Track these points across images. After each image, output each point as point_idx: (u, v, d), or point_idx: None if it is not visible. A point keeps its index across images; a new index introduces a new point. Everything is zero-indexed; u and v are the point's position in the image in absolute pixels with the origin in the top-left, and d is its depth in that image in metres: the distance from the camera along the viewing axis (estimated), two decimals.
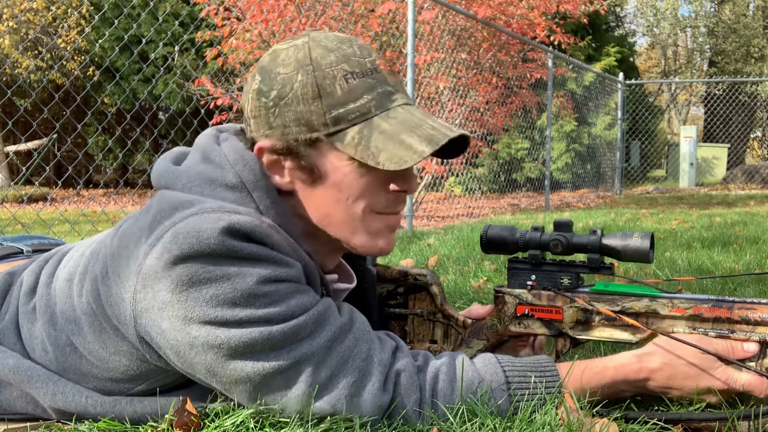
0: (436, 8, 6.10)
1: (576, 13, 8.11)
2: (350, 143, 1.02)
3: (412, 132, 1.04)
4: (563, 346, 1.22)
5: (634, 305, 1.15)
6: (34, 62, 11.55)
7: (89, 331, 1.06)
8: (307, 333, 0.98)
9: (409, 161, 1.01)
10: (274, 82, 1.04)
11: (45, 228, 3.72)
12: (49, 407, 1.11)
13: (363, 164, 1.03)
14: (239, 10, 6.54)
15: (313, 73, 1.03)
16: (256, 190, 1.04)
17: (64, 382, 1.10)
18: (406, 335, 1.40)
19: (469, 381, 1.05)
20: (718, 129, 15.54)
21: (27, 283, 1.19)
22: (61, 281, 1.13)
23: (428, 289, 1.37)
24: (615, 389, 1.10)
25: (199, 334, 0.95)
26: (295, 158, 1.05)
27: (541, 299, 1.22)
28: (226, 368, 0.97)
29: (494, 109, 7.80)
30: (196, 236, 0.94)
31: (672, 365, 1.07)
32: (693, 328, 1.12)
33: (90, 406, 1.09)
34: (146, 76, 11.05)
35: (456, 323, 1.34)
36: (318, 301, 1.02)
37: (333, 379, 0.99)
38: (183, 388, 1.09)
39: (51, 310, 1.12)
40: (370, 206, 1.07)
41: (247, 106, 1.08)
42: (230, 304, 0.94)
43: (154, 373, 1.06)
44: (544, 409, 1.05)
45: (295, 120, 1.03)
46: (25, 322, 1.15)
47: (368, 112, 1.04)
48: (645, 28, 22.48)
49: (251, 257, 0.96)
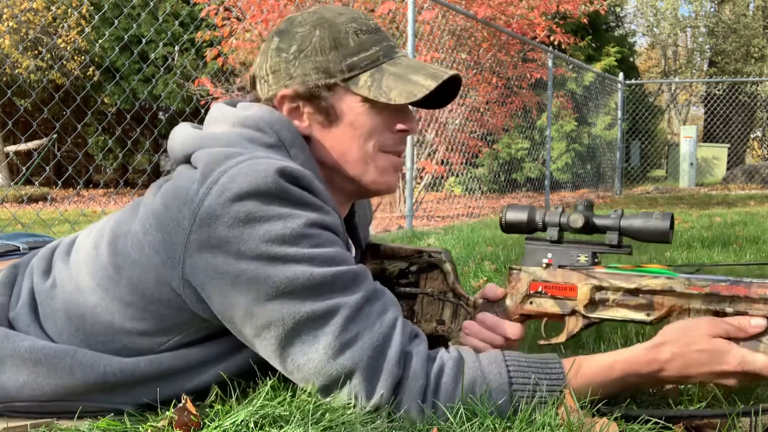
0: (436, 8, 6.10)
1: (576, 13, 8.11)
2: (363, 85, 1.17)
3: (417, 72, 1.19)
4: (575, 326, 1.20)
5: (651, 283, 1.14)
6: (34, 62, 11.55)
7: (125, 285, 1.12)
8: (343, 286, 1.05)
9: (418, 94, 1.16)
10: (293, 39, 1.18)
11: (45, 228, 3.73)
12: (63, 387, 1.12)
13: (374, 105, 1.18)
14: (239, 10, 6.54)
15: (328, 28, 1.18)
16: (293, 147, 1.16)
17: (83, 352, 1.13)
18: (414, 315, 1.38)
19: (472, 378, 1.06)
20: (718, 129, 15.54)
21: (39, 268, 1.24)
22: (85, 251, 1.20)
23: (441, 267, 1.36)
24: (626, 383, 1.10)
25: (248, 268, 1.02)
26: (314, 102, 1.18)
27: (556, 276, 1.21)
28: (264, 308, 1.03)
29: (494, 109, 7.80)
30: (253, 176, 1.03)
31: (684, 354, 1.05)
32: (710, 307, 1.10)
33: (109, 374, 1.12)
34: (146, 76, 11.05)
35: (466, 303, 1.33)
36: (354, 262, 1.10)
37: (359, 337, 1.03)
38: (208, 341, 1.15)
39: (75, 279, 1.18)
40: (379, 144, 1.21)
41: (265, 65, 1.21)
42: (280, 241, 1.02)
43: (187, 326, 1.13)
44: (544, 409, 1.06)
45: (315, 69, 1.17)
46: (44, 299, 1.20)
47: (377, 60, 1.19)
48: (645, 28, 22.50)
49: (300, 201, 1.05)
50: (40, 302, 1.20)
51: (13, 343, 1.14)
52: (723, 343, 1.05)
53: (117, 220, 1.19)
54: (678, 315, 1.12)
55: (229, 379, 1.16)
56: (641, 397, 1.23)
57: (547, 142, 8.71)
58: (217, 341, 1.15)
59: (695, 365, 1.05)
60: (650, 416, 1.06)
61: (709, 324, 1.06)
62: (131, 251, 1.12)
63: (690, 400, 1.20)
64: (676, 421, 1.07)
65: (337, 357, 1.03)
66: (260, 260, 1.02)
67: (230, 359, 1.16)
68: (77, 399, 1.13)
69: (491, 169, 10.60)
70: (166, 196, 1.10)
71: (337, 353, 1.03)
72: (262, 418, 1.04)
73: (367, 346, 1.03)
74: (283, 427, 1.02)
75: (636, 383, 1.11)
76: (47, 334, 1.18)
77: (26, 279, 1.25)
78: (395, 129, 1.22)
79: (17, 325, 1.19)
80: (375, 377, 1.04)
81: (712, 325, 1.06)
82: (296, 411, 1.07)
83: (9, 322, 1.21)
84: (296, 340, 1.04)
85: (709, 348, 1.05)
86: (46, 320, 1.19)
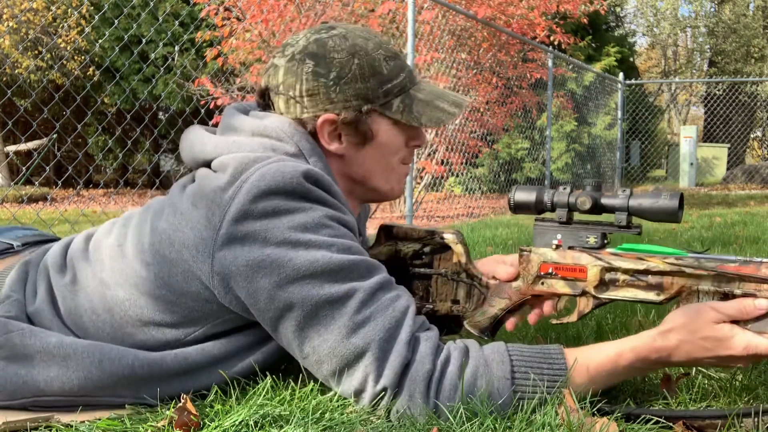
0: (436, 8, 6.10)
1: (576, 13, 8.11)
2: (397, 110, 1.29)
3: (441, 99, 1.33)
4: (585, 306, 1.22)
5: (660, 264, 1.14)
6: (34, 62, 11.55)
7: (154, 280, 1.19)
8: (359, 274, 1.13)
9: (445, 120, 1.31)
10: (331, 66, 1.26)
11: (45, 228, 3.72)
12: (92, 380, 1.15)
13: (399, 126, 1.31)
14: (239, 10, 6.54)
15: (365, 57, 1.27)
16: (311, 156, 1.25)
17: (110, 347, 1.19)
18: (429, 295, 1.40)
19: (475, 366, 1.09)
20: (718, 129, 15.54)
21: (55, 265, 1.30)
22: (109, 249, 1.27)
23: (453, 248, 1.38)
24: (633, 370, 1.12)
25: (272, 253, 1.11)
26: (353, 125, 1.28)
27: (566, 258, 1.22)
28: (285, 290, 1.10)
29: (494, 109, 7.80)
30: (281, 176, 1.13)
31: (690, 341, 1.07)
32: (719, 288, 1.10)
33: (137, 367, 1.17)
34: (146, 76, 11.05)
35: (479, 283, 1.34)
36: (368, 256, 1.18)
37: (372, 319, 1.10)
38: (231, 335, 1.21)
39: (99, 276, 1.25)
40: (400, 158, 1.35)
41: (299, 86, 1.26)
42: (302, 228, 1.12)
43: (213, 317, 1.19)
44: (544, 409, 1.06)
45: (355, 95, 1.26)
46: (66, 294, 1.26)
47: (405, 86, 1.31)
48: (645, 28, 22.49)
49: (320, 200, 1.16)
50: (61, 298, 1.26)
51: (40, 339, 1.18)
52: (728, 328, 1.06)
53: (140, 220, 1.27)
54: (687, 295, 1.13)
55: (248, 375, 1.22)
56: (641, 397, 1.23)
57: (547, 142, 8.71)
58: (239, 335, 1.22)
59: (701, 351, 1.07)
60: (650, 416, 1.06)
61: (714, 309, 1.07)
62: (159, 248, 1.19)
63: (692, 399, 1.20)
64: (676, 421, 1.07)
65: (351, 337, 1.09)
66: (284, 245, 1.11)
67: (252, 355, 1.22)
68: (104, 394, 1.17)
69: (491, 169, 10.60)
70: (195, 197, 1.18)
71: (351, 333, 1.09)
72: (262, 418, 1.04)
73: (380, 327, 1.09)
74: (283, 426, 1.02)
75: (643, 369, 1.14)
76: (70, 328, 1.24)
77: (41, 276, 1.30)
78: (411, 145, 1.36)
79: (38, 320, 1.24)
80: (385, 358, 1.08)
81: (717, 310, 1.07)
82: (296, 410, 1.07)
83: (28, 318, 1.24)
84: (314, 321, 1.11)
85: (715, 335, 1.06)
86: (69, 315, 1.25)
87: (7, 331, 1.18)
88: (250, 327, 1.21)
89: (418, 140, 1.37)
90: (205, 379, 1.20)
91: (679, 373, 1.32)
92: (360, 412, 1.09)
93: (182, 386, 1.19)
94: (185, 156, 1.30)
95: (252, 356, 1.22)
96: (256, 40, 6.50)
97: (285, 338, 1.15)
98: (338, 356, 1.09)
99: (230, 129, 1.29)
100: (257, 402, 1.10)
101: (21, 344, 1.17)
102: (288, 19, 6.24)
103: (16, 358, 1.17)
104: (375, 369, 1.08)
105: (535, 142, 10.36)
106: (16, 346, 1.17)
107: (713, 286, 1.11)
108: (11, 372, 1.16)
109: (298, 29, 6.14)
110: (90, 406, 1.17)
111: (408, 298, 1.17)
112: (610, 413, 1.06)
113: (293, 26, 6.18)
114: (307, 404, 1.09)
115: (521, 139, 10.61)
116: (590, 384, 1.10)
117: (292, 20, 6.23)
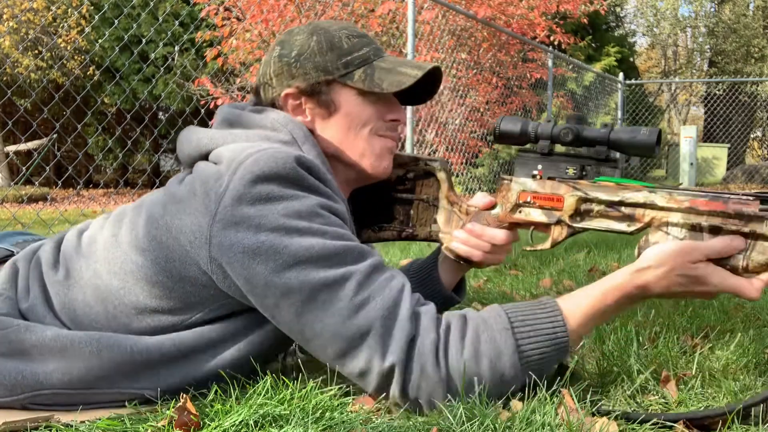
0: (436, 8, 6.10)
1: (576, 13, 8.12)
2: (358, 80, 1.31)
3: (404, 65, 1.33)
4: (559, 234, 1.27)
5: (634, 196, 1.19)
6: (34, 62, 11.55)
7: (151, 267, 1.20)
8: (353, 258, 1.15)
9: (407, 82, 1.29)
10: (293, 46, 1.33)
11: (45, 228, 3.72)
12: (91, 371, 1.16)
13: (367, 97, 1.32)
14: (239, 10, 6.54)
15: (324, 34, 1.33)
16: (305, 143, 1.27)
17: (107, 335, 1.19)
18: (410, 219, 1.46)
19: (475, 326, 1.13)
20: (718, 129, 15.53)
21: (47, 261, 1.30)
22: (103, 240, 1.27)
23: (436, 174, 1.43)
24: (618, 307, 1.17)
25: (267, 239, 1.12)
26: (315, 97, 1.32)
27: (545, 187, 1.27)
28: (282, 276, 1.11)
29: (494, 109, 7.80)
30: (274, 161, 1.14)
31: (666, 277, 1.13)
32: (687, 220, 1.14)
33: (136, 353, 1.18)
34: (146, 76, 11.05)
35: (459, 209, 1.40)
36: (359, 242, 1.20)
37: (371, 299, 1.12)
38: (227, 319, 1.22)
39: (93, 267, 1.25)
40: (373, 129, 1.34)
41: (269, 70, 1.35)
42: (297, 215, 1.13)
43: (210, 302, 1.21)
44: (544, 409, 1.06)
45: (314, 68, 1.31)
46: (58, 290, 1.26)
47: (368, 59, 1.33)
48: (645, 28, 22.49)
49: (313, 187, 1.17)
50: (54, 294, 1.26)
51: (36, 334, 1.18)
52: (702, 266, 1.11)
53: (135, 213, 1.28)
54: (657, 227, 1.17)
55: (246, 360, 1.22)
56: (641, 397, 1.23)
57: None
58: (235, 318, 1.23)
59: (677, 286, 1.13)
60: (650, 416, 1.07)
61: (690, 247, 1.12)
62: (157, 234, 1.21)
63: (693, 399, 1.20)
64: (675, 422, 1.07)
65: (352, 318, 1.10)
66: (279, 232, 1.12)
67: (248, 337, 1.23)
68: (104, 385, 1.17)
69: (491, 169, 10.59)
70: (192, 185, 1.20)
71: (352, 315, 1.10)
72: (262, 417, 1.04)
73: (380, 306, 1.11)
74: (283, 426, 1.02)
75: (626, 306, 1.18)
76: (64, 323, 1.24)
77: (33, 272, 1.29)
78: (387, 118, 1.36)
79: (32, 317, 1.24)
80: (389, 335, 1.10)
81: (693, 251, 1.11)
82: (296, 410, 1.07)
83: (22, 315, 1.24)
84: (313, 306, 1.12)
85: (690, 273, 1.11)
86: (63, 310, 1.25)
87: (2, 327, 1.18)
88: (246, 311, 1.22)
89: (394, 113, 1.37)
90: (203, 363, 1.21)
91: (679, 373, 1.33)
92: (360, 412, 1.09)
93: (180, 372, 1.19)
94: (182, 155, 1.32)
95: (248, 338, 1.23)
96: (256, 40, 6.51)
97: (285, 324, 1.15)
98: (341, 338, 1.11)
99: (225, 124, 1.32)
100: (257, 402, 1.10)
101: (17, 339, 1.17)
102: (288, 19, 6.24)
103: (13, 353, 1.17)
104: (380, 347, 1.09)
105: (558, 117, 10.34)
106: (12, 342, 1.17)
107: (682, 219, 1.15)
108: (10, 367, 1.17)
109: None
110: (89, 404, 1.18)
111: (402, 276, 1.18)
112: (609, 414, 1.07)
113: (293, 26, 6.18)
114: (307, 404, 1.09)
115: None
116: (584, 326, 1.15)
117: (292, 20, 6.23)
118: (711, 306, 2.02)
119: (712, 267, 1.11)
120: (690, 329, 1.73)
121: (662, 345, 1.52)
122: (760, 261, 1.10)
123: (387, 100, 1.36)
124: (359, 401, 1.14)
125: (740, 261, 1.10)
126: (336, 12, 6.21)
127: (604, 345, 1.52)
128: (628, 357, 1.39)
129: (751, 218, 1.10)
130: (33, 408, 1.17)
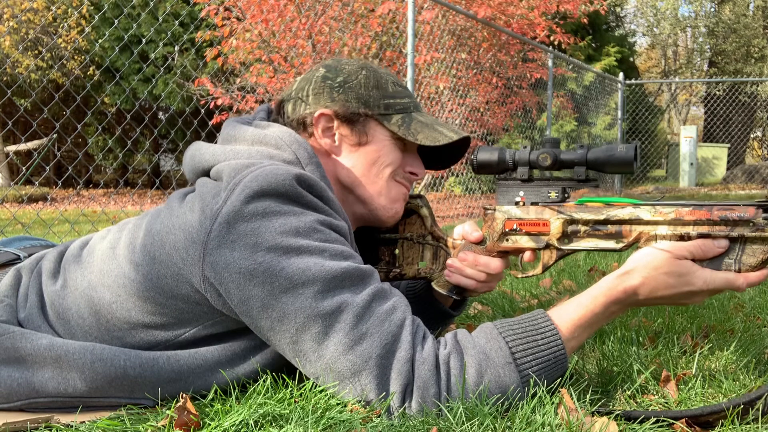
0: (436, 8, 6.10)
1: (576, 13, 8.12)
2: (395, 123, 1.34)
3: (441, 125, 1.36)
4: (549, 258, 1.27)
5: (618, 213, 1.20)
6: (34, 62, 11.55)
7: (143, 282, 1.17)
8: (352, 283, 1.11)
9: (441, 141, 1.31)
10: (339, 72, 1.35)
11: (45, 228, 3.72)
12: (85, 382, 1.15)
13: (397, 142, 1.35)
14: (239, 10, 6.54)
15: (373, 72, 1.36)
16: (308, 165, 1.24)
17: (101, 347, 1.17)
18: (395, 259, 1.46)
19: (477, 365, 1.09)
20: (718, 129, 15.54)
21: (48, 271, 1.29)
22: (101, 252, 1.26)
23: (419, 212, 1.44)
24: (608, 314, 1.17)
25: (264, 260, 1.08)
26: (350, 125, 1.32)
27: (529, 213, 1.28)
28: (278, 300, 1.08)
29: (494, 109, 7.80)
30: (273, 177, 1.12)
31: (653, 277, 1.13)
32: (675, 231, 1.16)
33: (129, 367, 1.16)
34: (146, 76, 11.05)
35: (445, 244, 1.41)
36: (362, 261, 1.17)
37: (368, 335, 1.07)
38: (224, 341, 1.20)
39: (88, 278, 1.23)
40: (393, 173, 1.36)
41: (308, 87, 1.35)
42: (294, 233, 1.10)
43: (204, 318, 1.18)
44: (544, 409, 1.06)
45: (356, 98, 1.33)
46: (55, 299, 1.24)
47: (408, 108, 1.36)
48: (645, 28, 22.48)
49: (311, 204, 1.15)
50: (50, 304, 1.25)
51: (31, 342, 1.17)
52: (688, 264, 1.12)
53: (136, 224, 1.26)
54: (646, 241, 1.18)
55: (242, 381, 1.20)
56: (641, 397, 1.23)
57: None
58: (233, 342, 1.20)
59: (664, 287, 1.13)
60: (650, 416, 1.06)
61: (674, 249, 1.13)
62: (151, 249, 1.18)
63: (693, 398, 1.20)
64: (675, 420, 1.07)
65: (347, 354, 1.07)
66: (275, 252, 1.09)
67: (244, 362, 1.20)
68: (98, 395, 1.16)
69: None
70: (192, 203, 1.17)
71: (347, 350, 1.07)
72: (262, 417, 1.04)
73: (377, 344, 1.07)
74: (283, 426, 1.02)
75: (616, 312, 1.18)
76: (57, 332, 1.22)
77: (33, 281, 1.29)
78: (407, 169, 1.38)
79: (28, 326, 1.23)
80: (385, 376, 1.07)
81: (677, 249, 1.13)
82: (296, 410, 1.07)
83: (19, 324, 1.23)
84: (307, 337, 1.09)
85: (675, 270, 1.12)
86: (57, 320, 1.23)
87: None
88: (243, 332, 1.19)
89: (415, 167, 1.39)
90: (199, 385, 1.18)
91: (679, 373, 1.33)
92: (360, 412, 1.09)
93: (176, 391, 1.17)
94: (187, 170, 1.31)
95: (246, 363, 1.20)
96: (256, 40, 6.51)
97: (280, 347, 1.13)
98: (335, 372, 1.08)
99: (230, 139, 1.30)
100: (257, 401, 1.10)
101: (12, 347, 1.17)
102: (288, 19, 6.24)
103: (8, 360, 1.17)
104: (375, 387, 1.07)
105: (535, 142, 10.35)
106: (7, 349, 1.17)
107: (669, 231, 1.16)
108: (5, 374, 1.16)
109: (299, 29, 6.15)
110: (88, 407, 1.17)
111: (404, 308, 1.14)
112: (609, 414, 1.06)
113: (293, 26, 6.19)
114: (307, 404, 1.09)
115: (521, 139, 10.60)
116: (576, 338, 1.15)
117: (292, 20, 6.23)
118: (711, 306, 2.02)
119: (698, 266, 1.12)
120: (690, 329, 1.73)
121: (662, 345, 1.52)
122: (751, 263, 1.12)
123: (413, 152, 1.38)
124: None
125: (732, 266, 1.12)
126: (336, 12, 6.21)
127: (604, 345, 1.52)
128: (628, 357, 1.39)
129: (737, 223, 1.12)
130: (32, 411, 1.17)
